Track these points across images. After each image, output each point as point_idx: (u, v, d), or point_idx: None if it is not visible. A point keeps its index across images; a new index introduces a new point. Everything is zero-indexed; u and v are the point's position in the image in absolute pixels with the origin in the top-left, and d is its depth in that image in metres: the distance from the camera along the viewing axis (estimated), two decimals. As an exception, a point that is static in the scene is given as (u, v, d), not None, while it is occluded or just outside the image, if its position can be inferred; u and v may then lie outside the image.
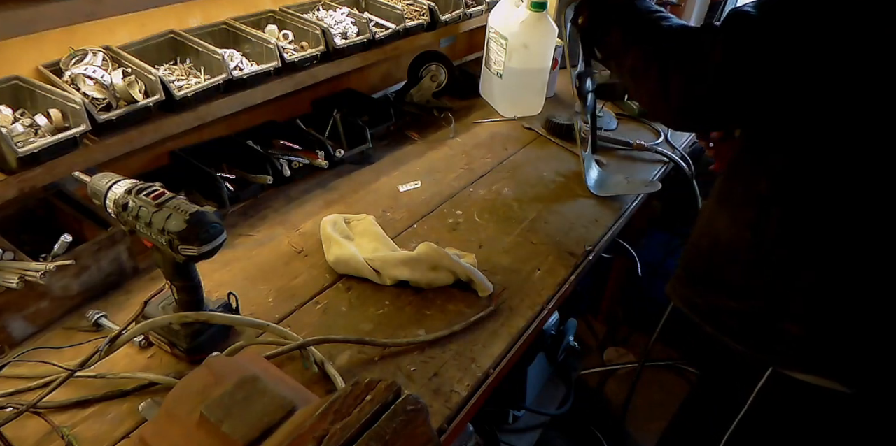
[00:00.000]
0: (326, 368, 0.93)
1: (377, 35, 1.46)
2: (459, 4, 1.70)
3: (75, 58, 1.12)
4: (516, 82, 1.72)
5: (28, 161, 0.97)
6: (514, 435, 1.84)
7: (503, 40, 1.65)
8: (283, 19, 1.41)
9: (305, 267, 1.17)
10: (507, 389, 1.81)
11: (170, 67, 1.25)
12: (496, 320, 1.07)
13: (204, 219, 0.84)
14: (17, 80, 1.05)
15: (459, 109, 1.80)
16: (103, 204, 0.91)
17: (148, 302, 0.92)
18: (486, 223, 1.32)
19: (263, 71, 1.26)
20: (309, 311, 1.07)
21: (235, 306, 1.01)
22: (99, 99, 1.07)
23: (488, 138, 1.67)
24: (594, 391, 2.23)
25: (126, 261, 1.09)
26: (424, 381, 0.94)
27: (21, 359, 0.90)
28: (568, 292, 1.18)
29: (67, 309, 1.03)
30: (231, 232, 1.24)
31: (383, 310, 1.08)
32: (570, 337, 1.98)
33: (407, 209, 1.36)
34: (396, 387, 0.68)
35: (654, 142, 1.68)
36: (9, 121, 1.01)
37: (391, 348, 0.99)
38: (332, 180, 1.45)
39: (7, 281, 0.92)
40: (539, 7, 1.58)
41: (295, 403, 0.70)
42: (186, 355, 0.95)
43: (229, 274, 1.14)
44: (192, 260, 0.87)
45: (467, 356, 0.99)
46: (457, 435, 0.94)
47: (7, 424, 0.79)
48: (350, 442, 0.62)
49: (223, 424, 0.66)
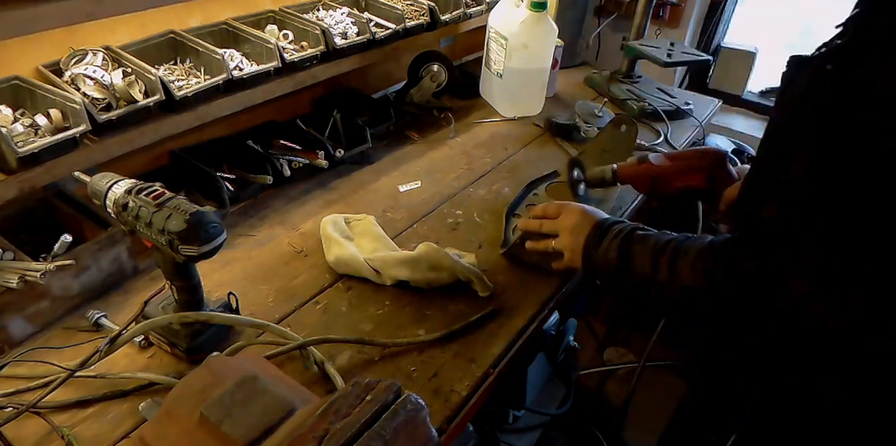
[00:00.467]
0: (326, 368, 0.93)
1: (377, 35, 1.46)
2: (459, 4, 1.70)
3: (75, 58, 1.12)
4: (516, 82, 1.72)
5: (28, 161, 0.97)
6: (514, 435, 1.84)
7: (503, 40, 1.65)
8: (283, 19, 1.41)
9: (305, 267, 1.17)
10: (507, 389, 1.81)
11: (170, 67, 1.25)
12: (496, 320, 1.07)
13: (204, 219, 0.84)
14: (17, 80, 1.05)
15: (459, 109, 1.80)
16: (103, 204, 0.91)
17: (148, 302, 0.92)
18: (486, 223, 1.32)
19: (263, 71, 1.26)
20: (309, 311, 1.07)
21: (235, 306, 1.01)
22: (99, 99, 1.07)
23: (488, 138, 1.67)
24: (594, 391, 2.23)
25: (126, 261, 1.09)
26: (424, 381, 0.94)
27: (21, 359, 0.90)
28: (568, 292, 1.18)
29: (67, 309, 1.03)
30: (231, 232, 1.24)
31: (383, 310, 1.08)
32: (570, 337, 1.98)
33: (407, 209, 1.36)
34: (396, 387, 0.68)
35: (654, 142, 1.68)
36: (9, 121, 1.01)
37: (391, 348, 0.99)
38: (332, 180, 1.45)
39: (7, 281, 0.92)
40: (539, 7, 1.58)
41: (295, 403, 0.69)
42: (186, 355, 0.95)
43: (229, 274, 1.14)
44: (192, 260, 0.87)
45: (467, 356, 0.99)
46: (457, 435, 0.93)
47: (7, 424, 0.79)
48: (350, 442, 0.62)
49: (223, 424, 0.66)
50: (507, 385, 1.51)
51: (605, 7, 2.33)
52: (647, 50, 1.86)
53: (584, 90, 2.02)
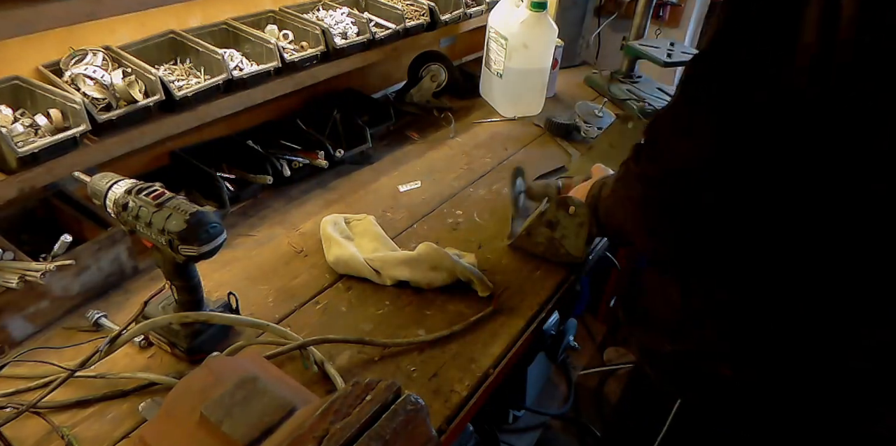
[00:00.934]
0: (326, 368, 0.93)
1: (377, 35, 1.46)
2: (459, 4, 1.70)
3: (75, 58, 1.12)
4: (516, 82, 1.72)
5: (28, 161, 0.97)
6: (514, 435, 1.84)
7: (503, 40, 1.65)
8: (283, 19, 1.41)
9: (305, 267, 1.17)
10: (507, 389, 1.81)
11: (170, 67, 1.25)
12: (496, 320, 1.07)
13: (204, 219, 0.84)
14: (17, 80, 1.05)
15: (459, 109, 1.80)
16: (103, 204, 0.91)
17: (148, 302, 0.92)
18: (486, 223, 1.32)
19: (263, 71, 1.26)
20: (309, 311, 1.07)
21: (235, 306, 1.01)
22: (99, 99, 1.07)
23: (488, 138, 1.67)
24: (594, 391, 2.23)
25: (126, 261, 1.09)
26: (424, 381, 0.94)
27: (21, 359, 0.90)
28: (568, 292, 1.18)
29: (67, 309, 1.03)
30: (231, 232, 1.24)
31: (383, 310, 1.08)
32: (570, 337, 1.97)
33: (407, 209, 1.36)
34: (396, 387, 0.68)
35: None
36: (9, 121, 1.01)
37: (391, 348, 0.99)
38: (332, 180, 1.45)
39: (7, 281, 0.92)
40: (539, 7, 1.58)
41: (295, 403, 0.70)
42: (186, 355, 0.95)
43: (229, 274, 1.14)
44: (192, 260, 0.87)
45: (467, 356, 0.99)
46: (457, 435, 0.93)
47: (7, 424, 0.79)
48: (350, 442, 0.62)
49: (223, 424, 0.66)
50: (507, 385, 1.51)
51: (605, 7, 2.33)
52: (647, 50, 1.86)
53: (584, 90, 2.03)
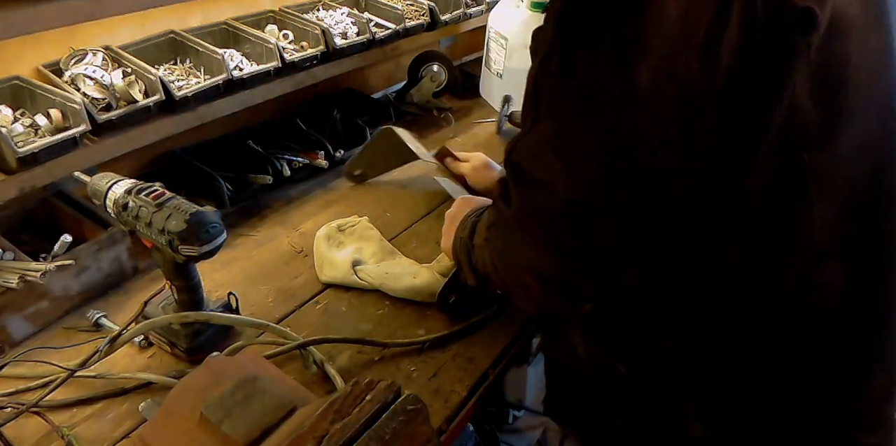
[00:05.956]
0: (326, 368, 0.93)
1: (377, 35, 1.46)
2: (459, 4, 1.70)
3: (75, 58, 1.12)
4: (516, 82, 1.72)
5: (28, 161, 0.97)
6: (514, 435, 1.84)
7: (503, 40, 1.65)
8: (283, 19, 1.41)
9: (305, 267, 1.17)
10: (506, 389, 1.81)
11: (170, 67, 1.25)
12: (496, 320, 1.07)
13: (204, 219, 0.84)
14: (17, 80, 1.06)
15: (459, 109, 1.79)
16: (103, 204, 0.91)
17: (148, 302, 0.92)
18: (486, 223, 1.32)
19: (263, 71, 1.26)
20: (309, 311, 1.07)
21: (235, 306, 1.01)
22: (99, 99, 1.07)
23: (488, 138, 1.67)
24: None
25: (126, 261, 1.09)
26: (424, 381, 0.94)
27: (21, 359, 0.90)
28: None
29: (67, 309, 1.03)
30: (231, 232, 1.23)
31: (383, 310, 1.08)
32: (570, 337, 1.97)
33: (407, 209, 1.35)
34: (396, 387, 0.68)
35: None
36: (9, 121, 1.01)
37: (391, 348, 0.99)
38: (332, 180, 1.45)
39: (7, 281, 0.92)
40: (539, 7, 1.58)
41: (295, 403, 0.70)
42: (186, 355, 0.94)
43: (229, 274, 1.14)
44: (192, 260, 0.87)
45: (467, 356, 0.99)
46: (457, 435, 0.94)
47: (7, 424, 0.79)
48: (350, 442, 0.62)
49: (223, 424, 0.66)
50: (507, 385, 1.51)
51: (605, 7, 2.33)
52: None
53: (584, 90, 2.02)
